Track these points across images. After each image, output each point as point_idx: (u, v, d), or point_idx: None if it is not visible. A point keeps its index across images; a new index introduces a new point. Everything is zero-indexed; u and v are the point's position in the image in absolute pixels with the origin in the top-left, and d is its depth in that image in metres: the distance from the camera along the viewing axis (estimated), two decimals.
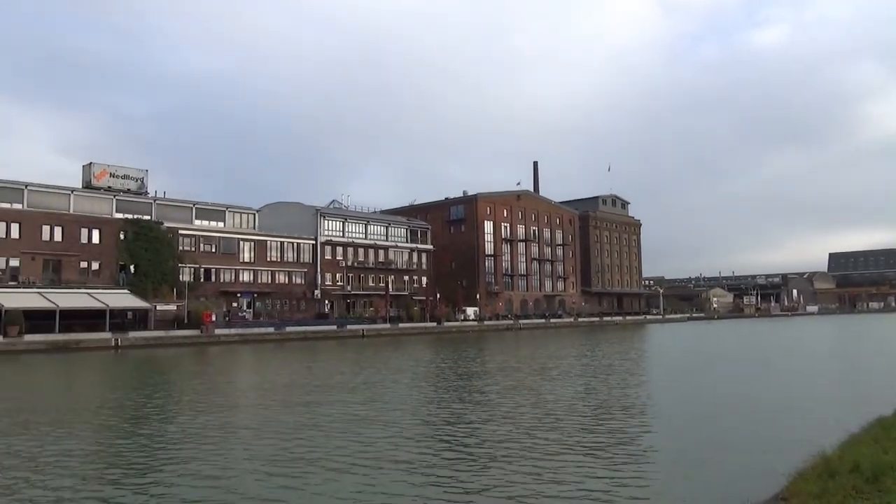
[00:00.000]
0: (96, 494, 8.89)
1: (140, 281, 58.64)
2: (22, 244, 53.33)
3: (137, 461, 10.89)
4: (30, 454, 11.44)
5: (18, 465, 10.66)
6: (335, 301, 76.20)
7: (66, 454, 11.41)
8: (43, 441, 12.50)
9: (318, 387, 21.19)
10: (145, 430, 13.87)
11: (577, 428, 12.85)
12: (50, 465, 10.62)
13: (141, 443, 12.43)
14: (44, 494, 8.82)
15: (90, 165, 62.02)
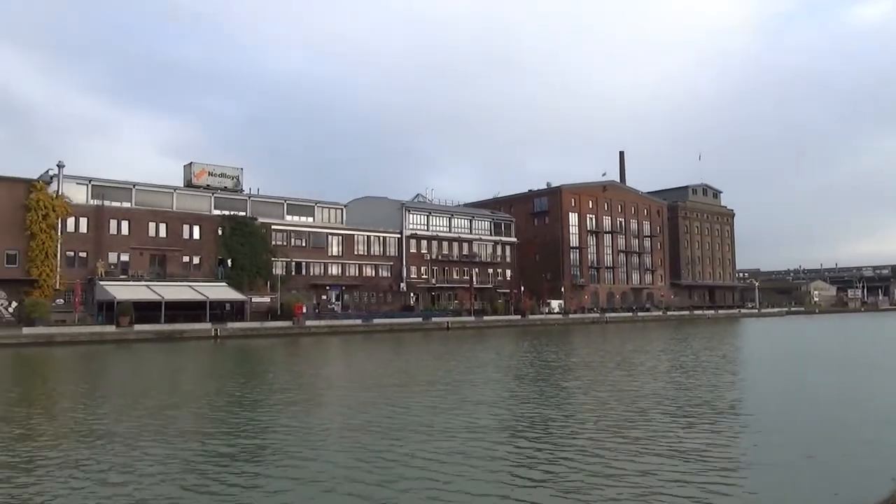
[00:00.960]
0: (203, 473, 9.52)
1: (237, 274, 61.63)
2: (131, 240, 57.13)
3: (246, 445, 11.54)
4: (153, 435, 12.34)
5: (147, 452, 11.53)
6: (420, 294, 77.34)
7: (185, 435, 12.25)
8: (164, 423, 13.45)
9: (405, 377, 21.69)
10: (254, 415, 14.65)
11: (667, 427, 12.59)
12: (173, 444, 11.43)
13: (248, 428, 13.15)
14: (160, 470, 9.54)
15: (190, 165, 65.52)
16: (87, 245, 55.10)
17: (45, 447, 11.68)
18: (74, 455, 10.86)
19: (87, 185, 57.10)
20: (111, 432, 12.74)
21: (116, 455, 10.78)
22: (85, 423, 13.99)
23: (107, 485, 9.01)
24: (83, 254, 54.86)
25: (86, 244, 55.05)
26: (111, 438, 12.14)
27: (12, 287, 51.59)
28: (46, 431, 13.30)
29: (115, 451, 11.10)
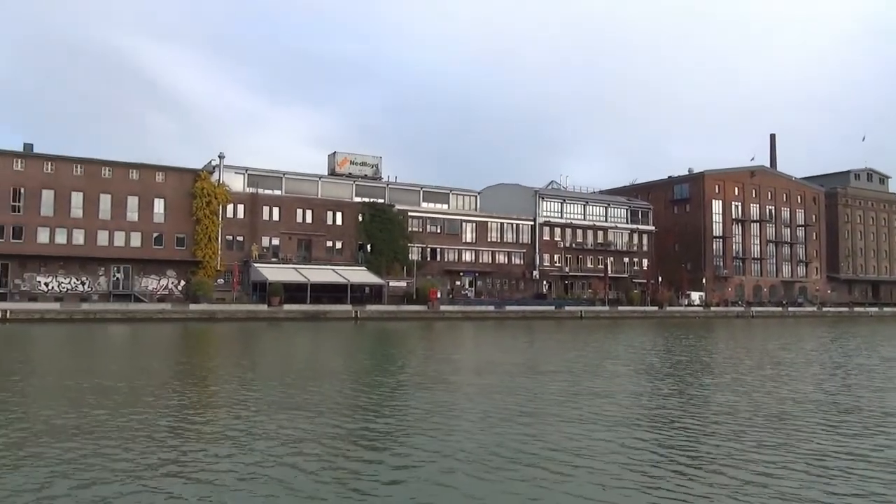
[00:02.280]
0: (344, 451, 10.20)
1: (375, 259, 64.32)
2: (281, 225, 61.26)
3: (385, 426, 12.20)
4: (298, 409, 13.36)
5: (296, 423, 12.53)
6: (553, 282, 76.78)
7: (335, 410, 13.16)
8: (313, 397, 14.50)
9: (536, 364, 21.77)
10: (391, 394, 15.42)
11: (823, 439, 11.76)
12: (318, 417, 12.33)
13: (384, 407, 13.87)
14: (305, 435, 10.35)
15: (334, 154, 68.96)
16: (244, 230, 59.78)
17: (205, 417, 12.99)
18: (237, 424, 11.98)
19: (244, 175, 61.83)
20: (267, 402, 13.90)
21: (264, 425, 11.78)
22: (242, 393, 15.35)
23: (253, 452, 9.90)
24: (240, 238, 59.61)
25: (242, 229, 59.76)
26: (264, 410, 13.27)
27: (181, 267, 57.15)
28: (208, 402, 14.75)
29: (264, 421, 12.12)
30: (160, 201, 57.21)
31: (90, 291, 53.58)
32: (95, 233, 54.58)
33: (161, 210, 57.14)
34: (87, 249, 54.12)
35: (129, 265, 55.67)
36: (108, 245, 55.04)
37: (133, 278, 55.65)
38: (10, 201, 52.01)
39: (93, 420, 11.71)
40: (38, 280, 52.17)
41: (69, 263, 53.49)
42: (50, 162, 53.77)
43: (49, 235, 53.12)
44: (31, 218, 52.57)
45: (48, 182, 53.33)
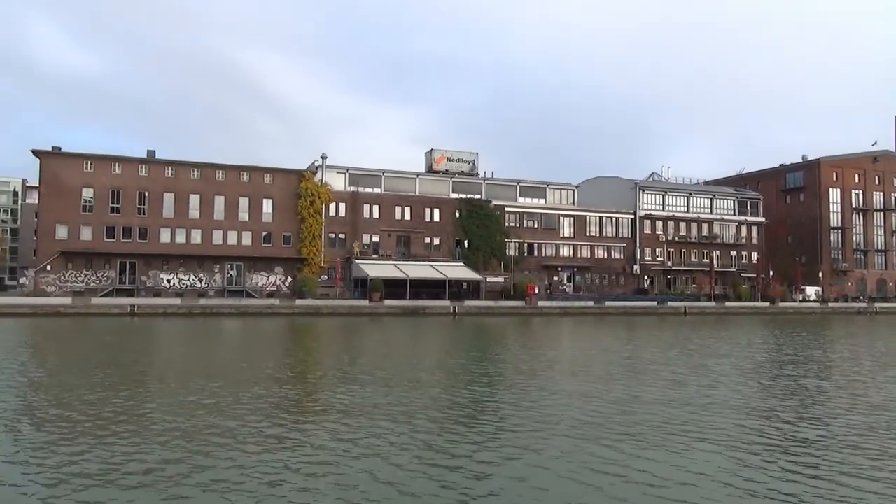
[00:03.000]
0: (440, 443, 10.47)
1: (472, 254, 64.80)
2: (381, 223, 62.90)
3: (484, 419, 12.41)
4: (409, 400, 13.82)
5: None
6: (655, 277, 74.58)
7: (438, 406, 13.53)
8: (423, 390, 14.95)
9: (639, 363, 21.32)
10: (491, 391, 15.63)
11: None
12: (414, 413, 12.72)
13: (483, 405, 14.08)
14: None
15: (430, 152, 69.96)
16: (346, 227, 61.84)
17: (316, 403, 13.66)
18: (338, 421, 12.54)
19: (345, 174, 63.91)
20: (370, 397, 14.45)
21: (367, 423, 12.24)
22: (349, 385, 16.00)
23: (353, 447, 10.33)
24: (342, 235, 61.72)
25: (344, 227, 61.83)
26: (367, 408, 13.79)
27: (288, 264, 59.89)
28: (318, 390, 15.48)
29: (365, 421, 12.59)
30: (268, 201, 60.18)
31: (206, 288, 57.18)
32: (211, 232, 58.17)
33: (269, 210, 60.10)
34: (204, 248, 57.77)
35: (241, 263, 58.93)
36: (222, 244, 58.52)
37: (244, 275, 58.87)
38: (136, 204, 56.33)
39: (230, 400, 12.63)
40: (161, 277, 56.23)
41: (188, 261, 57.29)
42: (170, 167, 57.74)
43: (170, 235, 57.13)
44: (155, 219, 56.70)
45: (169, 186, 57.32)
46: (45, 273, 53.50)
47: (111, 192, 55.84)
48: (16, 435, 10.62)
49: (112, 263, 55.36)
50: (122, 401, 13.55)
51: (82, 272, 54.46)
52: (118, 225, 55.77)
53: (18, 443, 10.13)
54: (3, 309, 43.30)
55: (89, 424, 11.37)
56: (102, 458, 9.24)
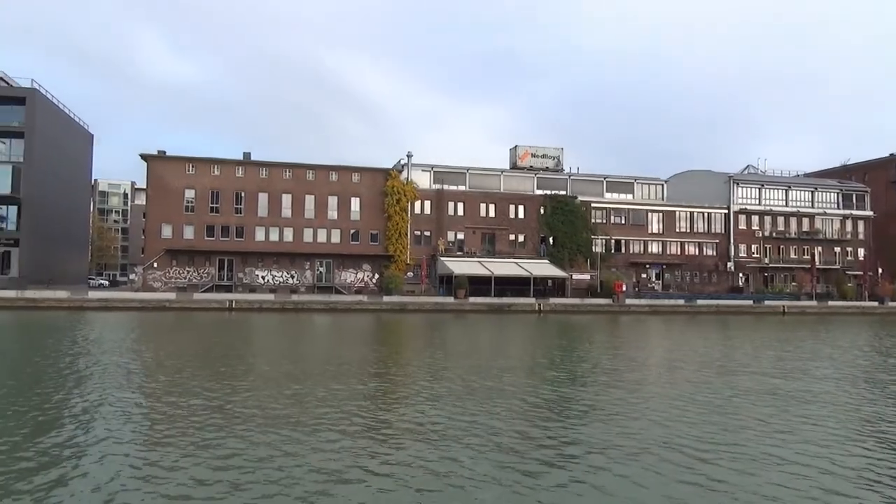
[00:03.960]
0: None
1: (558, 252, 64.14)
2: (465, 220, 63.26)
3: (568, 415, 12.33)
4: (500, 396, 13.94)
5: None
6: (750, 274, 71.41)
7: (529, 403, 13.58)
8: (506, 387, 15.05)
9: (734, 368, 20.52)
10: (575, 391, 15.50)
11: None
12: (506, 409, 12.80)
13: (567, 406, 13.98)
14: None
15: (515, 148, 69.66)
16: (431, 225, 62.57)
17: (400, 399, 13.97)
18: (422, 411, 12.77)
19: (430, 172, 64.63)
20: (456, 390, 14.63)
21: (454, 415, 12.39)
22: (436, 379, 16.26)
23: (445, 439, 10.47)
24: (427, 233, 62.49)
25: (429, 224, 62.58)
26: (454, 400, 13.96)
27: (375, 262, 61.26)
28: (395, 391, 15.81)
29: (452, 412, 12.74)
30: (356, 200, 61.74)
31: (298, 284, 59.32)
32: (302, 231, 60.31)
33: (357, 208, 61.66)
34: (295, 246, 59.96)
35: (331, 260, 60.76)
36: (313, 241, 60.55)
37: (333, 272, 60.67)
38: (233, 204, 59.14)
39: (327, 392, 13.17)
40: (256, 274, 58.80)
41: (281, 259, 59.62)
42: (264, 168, 60.23)
43: (264, 234, 59.64)
44: (250, 219, 59.33)
45: (263, 186, 59.82)
46: (152, 270, 57.05)
47: (211, 192, 58.88)
48: (149, 420, 11.44)
49: (212, 261, 58.38)
50: (231, 392, 14.32)
51: (185, 269, 57.72)
52: (217, 224, 58.75)
53: (153, 429, 10.92)
54: (115, 303, 46.56)
55: (218, 417, 12.09)
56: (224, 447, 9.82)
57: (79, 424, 11.21)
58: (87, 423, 11.26)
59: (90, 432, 10.62)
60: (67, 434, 10.54)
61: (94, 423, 11.25)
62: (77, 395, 13.90)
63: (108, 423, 11.31)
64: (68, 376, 16.42)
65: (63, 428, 10.96)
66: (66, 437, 10.38)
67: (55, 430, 10.75)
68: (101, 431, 10.66)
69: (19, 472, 8.58)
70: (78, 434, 10.53)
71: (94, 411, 12.25)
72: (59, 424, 11.23)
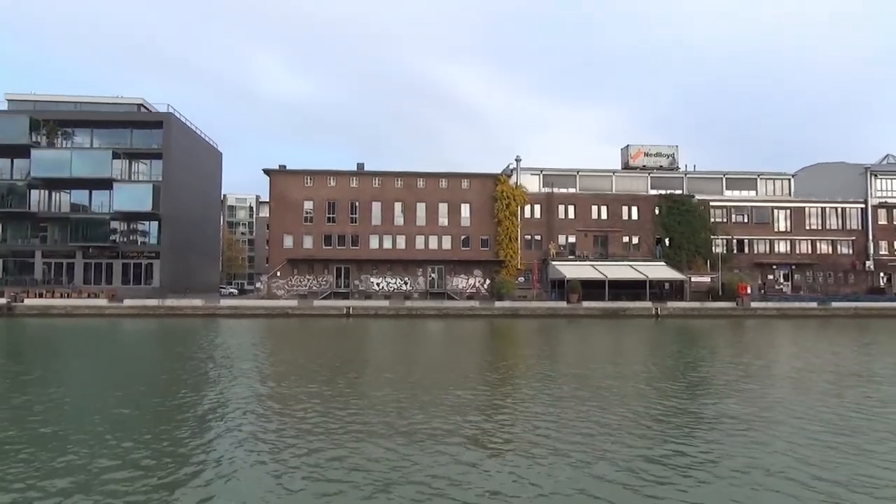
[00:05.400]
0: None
1: (674, 253, 61.71)
2: (577, 223, 62.26)
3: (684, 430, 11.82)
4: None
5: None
6: (893, 274, 65.45)
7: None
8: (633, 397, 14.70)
9: (882, 378, 18.88)
10: (694, 403, 14.85)
11: None
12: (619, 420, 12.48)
13: (688, 416, 13.40)
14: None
15: (627, 148, 67.76)
16: (541, 229, 62.08)
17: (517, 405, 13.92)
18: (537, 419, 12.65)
19: (539, 175, 64.14)
20: (568, 396, 14.42)
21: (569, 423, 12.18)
22: (553, 385, 16.10)
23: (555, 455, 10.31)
24: (538, 237, 62.05)
25: (540, 228, 62.11)
26: (569, 405, 13.75)
27: (486, 267, 61.55)
28: (521, 390, 15.77)
29: (565, 420, 12.53)
30: (466, 206, 62.33)
31: (411, 290, 60.63)
32: (414, 238, 61.64)
33: (467, 214, 62.24)
34: (408, 253, 61.35)
35: (442, 266, 61.66)
36: (424, 248, 61.72)
37: (445, 278, 61.52)
38: (349, 214, 61.42)
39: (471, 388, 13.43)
40: (371, 281, 60.71)
41: (394, 266, 61.21)
42: (377, 178, 62.14)
43: (378, 242, 61.50)
44: (365, 227, 61.38)
45: (376, 195, 61.73)
46: (276, 278, 60.27)
47: (327, 203, 61.47)
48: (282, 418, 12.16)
49: (329, 269, 60.88)
50: (360, 398, 14.89)
51: (305, 277, 60.55)
52: (334, 233, 61.23)
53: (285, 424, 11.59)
54: (244, 310, 49.64)
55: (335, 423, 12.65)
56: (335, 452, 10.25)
57: (217, 421, 12.05)
58: (225, 420, 12.08)
59: (232, 429, 11.40)
60: (207, 429, 11.36)
61: (233, 421, 12.05)
62: (216, 396, 14.95)
63: (248, 420, 12.08)
64: (208, 380, 17.70)
65: (206, 425, 11.82)
66: (205, 432, 11.19)
67: (197, 427, 11.62)
68: (246, 428, 11.41)
69: (158, 465, 9.34)
70: (216, 430, 11.33)
71: (230, 411, 13.14)
72: (202, 421, 12.13)
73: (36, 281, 58.85)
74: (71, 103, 64.50)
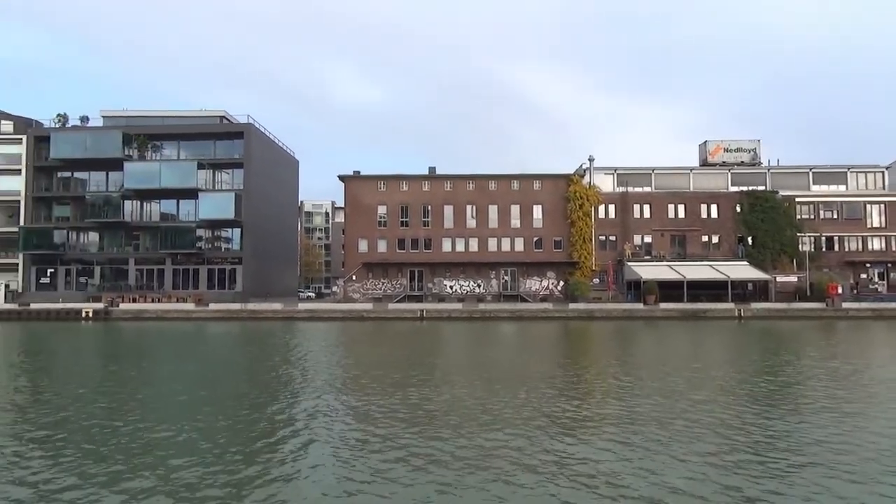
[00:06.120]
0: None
1: (758, 252, 59.26)
2: (653, 222, 60.72)
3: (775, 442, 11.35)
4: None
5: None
6: None
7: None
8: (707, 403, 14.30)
9: None
10: (783, 417, 14.24)
11: None
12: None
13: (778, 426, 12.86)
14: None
15: (705, 144, 65.60)
16: (615, 229, 60.88)
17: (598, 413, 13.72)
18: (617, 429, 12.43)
19: (613, 175, 62.93)
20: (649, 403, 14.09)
21: (648, 434, 11.90)
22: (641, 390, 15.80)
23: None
24: (612, 237, 60.88)
25: (614, 228, 60.93)
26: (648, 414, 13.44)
27: (559, 268, 60.87)
28: (606, 394, 15.55)
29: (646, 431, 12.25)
30: (538, 207, 61.86)
31: (484, 293, 60.65)
32: (486, 240, 61.65)
33: (539, 216, 61.74)
34: (480, 255, 61.41)
35: (515, 268, 61.39)
36: (497, 251, 61.62)
37: (518, 280, 61.21)
38: (421, 217, 62.07)
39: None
40: (444, 284, 61.10)
41: (467, 268, 61.39)
42: (448, 181, 62.54)
43: (451, 245, 61.83)
44: (437, 230, 61.86)
45: (448, 198, 62.12)
46: (352, 282, 61.55)
47: (400, 207, 62.32)
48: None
49: (403, 272, 61.67)
50: (450, 397, 15.09)
51: (380, 281, 61.56)
52: (407, 237, 62.00)
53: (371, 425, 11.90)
54: (321, 314, 50.98)
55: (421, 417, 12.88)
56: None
57: (304, 420, 12.46)
58: (315, 419, 12.48)
59: (322, 427, 11.77)
60: (292, 429, 11.77)
61: (323, 420, 12.44)
62: (302, 397, 15.44)
63: (335, 422, 12.45)
64: (292, 382, 18.31)
65: (291, 424, 12.25)
66: (291, 432, 11.59)
67: (285, 425, 12.06)
68: (336, 427, 11.77)
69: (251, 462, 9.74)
70: (302, 428, 11.72)
71: (322, 411, 13.55)
72: (290, 420, 12.57)
73: (130, 286, 62.27)
74: (159, 117, 68.04)
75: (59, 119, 66.16)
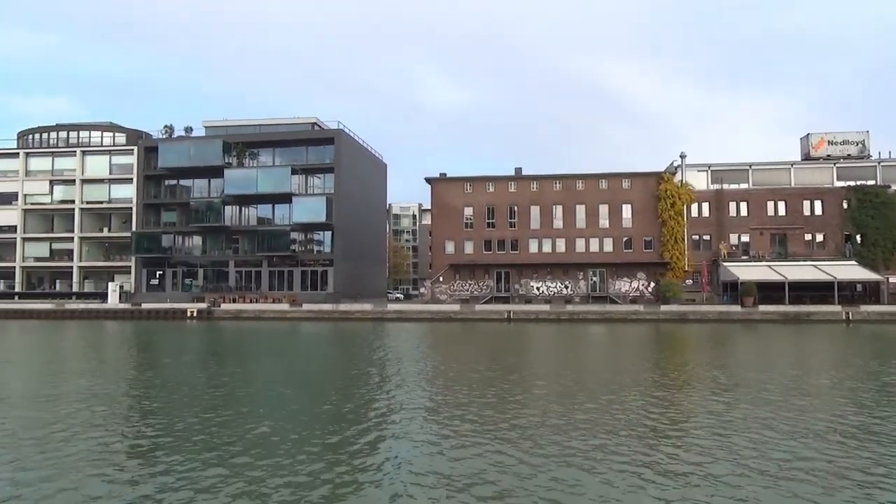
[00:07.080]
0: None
1: (868, 251, 55.62)
2: (750, 220, 58.11)
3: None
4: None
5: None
6: None
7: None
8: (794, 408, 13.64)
9: None
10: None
11: None
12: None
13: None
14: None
15: (807, 137, 62.10)
16: (710, 228, 58.65)
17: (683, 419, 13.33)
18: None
19: (707, 172, 60.63)
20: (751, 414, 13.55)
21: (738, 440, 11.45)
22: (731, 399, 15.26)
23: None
24: (706, 237, 58.68)
25: (708, 227, 58.71)
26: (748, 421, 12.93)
27: (649, 269, 59.25)
28: (693, 402, 15.10)
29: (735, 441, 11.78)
30: (627, 207, 60.46)
31: (572, 294, 59.86)
32: (574, 241, 60.84)
33: (629, 215, 60.34)
34: (567, 256, 60.65)
35: (604, 269, 60.25)
36: (585, 251, 60.68)
37: (607, 281, 60.05)
38: (507, 218, 62.01)
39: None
40: (531, 285, 60.75)
41: (554, 269, 60.79)
42: (535, 182, 62.16)
43: (537, 246, 61.43)
44: (524, 231, 61.61)
45: (535, 199, 61.75)
46: (439, 283, 62.25)
47: (487, 208, 62.49)
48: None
49: (490, 273, 61.80)
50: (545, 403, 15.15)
51: (467, 282, 61.95)
52: (493, 238, 62.09)
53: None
54: (409, 314, 51.85)
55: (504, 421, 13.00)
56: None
57: (390, 418, 12.80)
58: (407, 417, 12.81)
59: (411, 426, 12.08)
60: (380, 429, 12.12)
61: (414, 418, 12.76)
62: (393, 396, 15.86)
63: (425, 421, 12.74)
64: (384, 381, 18.81)
65: (374, 424, 12.62)
66: (377, 431, 11.94)
67: (371, 425, 12.44)
68: (419, 427, 12.07)
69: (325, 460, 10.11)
70: (390, 426, 12.05)
71: (415, 410, 13.89)
72: (376, 420, 12.96)
73: (230, 287, 65.52)
74: (255, 125, 71.32)
75: (165, 130, 70.59)
